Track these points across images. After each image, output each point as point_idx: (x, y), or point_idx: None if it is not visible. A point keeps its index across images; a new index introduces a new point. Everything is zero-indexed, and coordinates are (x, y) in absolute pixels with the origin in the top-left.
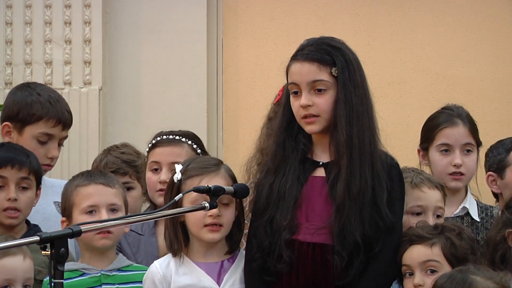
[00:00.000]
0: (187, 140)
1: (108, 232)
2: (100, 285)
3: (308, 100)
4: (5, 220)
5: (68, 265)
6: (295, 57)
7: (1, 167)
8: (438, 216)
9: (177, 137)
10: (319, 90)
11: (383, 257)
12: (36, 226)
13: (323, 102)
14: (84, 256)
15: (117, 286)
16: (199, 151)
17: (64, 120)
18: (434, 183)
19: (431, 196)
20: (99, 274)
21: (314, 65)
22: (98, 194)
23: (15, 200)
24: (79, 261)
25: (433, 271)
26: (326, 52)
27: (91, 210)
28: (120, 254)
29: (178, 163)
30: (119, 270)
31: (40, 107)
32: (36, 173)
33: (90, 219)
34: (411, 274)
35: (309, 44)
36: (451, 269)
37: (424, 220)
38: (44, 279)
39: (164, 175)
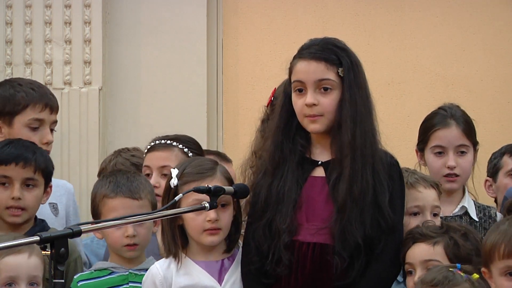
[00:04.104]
0: (178, 144)
1: (135, 244)
2: (127, 283)
3: (313, 99)
4: (8, 218)
5: (98, 264)
6: (300, 55)
7: (6, 164)
8: (435, 215)
9: (168, 142)
10: (325, 89)
11: (384, 257)
12: (43, 221)
13: (328, 102)
14: (113, 256)
15: None
16: (190, 154)
17: (50, 103)
18: (429, 182)
19: (428, 196)
20: (127, 272)
21: (321, 64)
22: (124, 208)
23: (19, 199)
24: (109, 260)
25: None
26: (333, 52)
27: None
28: (150, 257)
29: (166, 167)
30: (147, 270)
31: (24, 95)
32: (43, 170)
33: (117, 229)
34: (411, 272)
35: (315, 44)
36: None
37: (423, 220)
38: (75, 276)
39: (153, 180)
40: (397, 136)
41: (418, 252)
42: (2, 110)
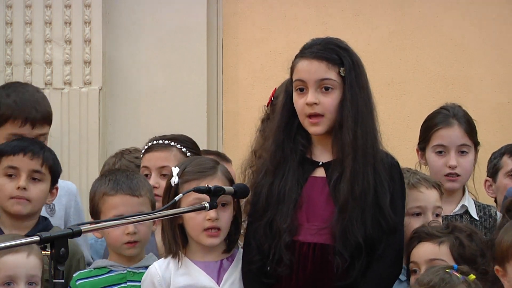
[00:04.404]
0: (176, 144)
1: (135, 242)
2: (125, 282)
3: (315, 98)
4: (12, 207)
5: (97, 263)
6: (302, 55)
7: (13, 155)
8: (437, 216)
9: (166, 142)
10: (326, 89)
11: (385, 258)
12: (46, 219)
13: (329, 102)
14: (112, 255)
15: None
16: (188, 154)
17: (31, 118)
18: (431, 183)
19: (430, 196)
20: (125, 271)
21: (323, 63)
22: (124, 205)
23: (24, 189)
24: (108, 258)
25: None
26: (334, 52)
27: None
28: (150, 253)
29: (165, 167)
30: (145, 267)
31: (6, 108)
32: (50, 167)
33: (117, 227)
34: (415, 271)
35: (317, 43)
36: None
37: (425, 220)
38: (74, 275)
39: (152, 180)
40: (397, 136)
41: (423, 251)
42: None
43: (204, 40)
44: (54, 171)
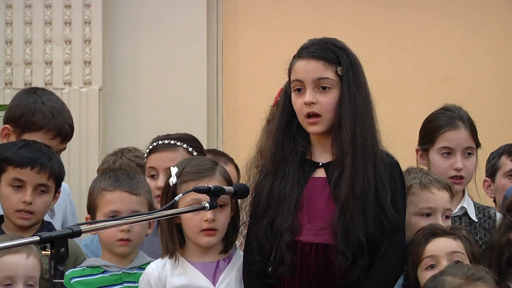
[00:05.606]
0: (182, 143)
1: (128, 240)
2: (122, 283)
3: (312, 97)
4: (17, 220)
5: (90, 261)
6: (300, 55)
7: (21, 167)
8: (446, 217)
9: (172, 142)
10: (324, 88)
11: (389, 257)
12: (49, 223)
13: (327, 101)
14: (105, 254)
15: (138, 284)
16: (195, 153)
17: (64, 133)
18: (442, 184)
19: (441, 198)
20: (120, 272)
21: (320, 63)
22: (122, 201)
23: (30, 203)
24: (100, 257)
25: (457, 263)
26: (332, 51)
27: (114, 216)
28: (141, 252)
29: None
30: (139, 268)
31: (42, 117)
32: (56, 177)
33: None
34: (433, 266)
35: (314, 43)
36: (471, 264)
37: (434, 221)
38: (66, 273)
39: (161, 181)
40: (397, 136)
41: (444, 245)
42: (17, 119)
43: (204, 40)
44: (59, 179)
